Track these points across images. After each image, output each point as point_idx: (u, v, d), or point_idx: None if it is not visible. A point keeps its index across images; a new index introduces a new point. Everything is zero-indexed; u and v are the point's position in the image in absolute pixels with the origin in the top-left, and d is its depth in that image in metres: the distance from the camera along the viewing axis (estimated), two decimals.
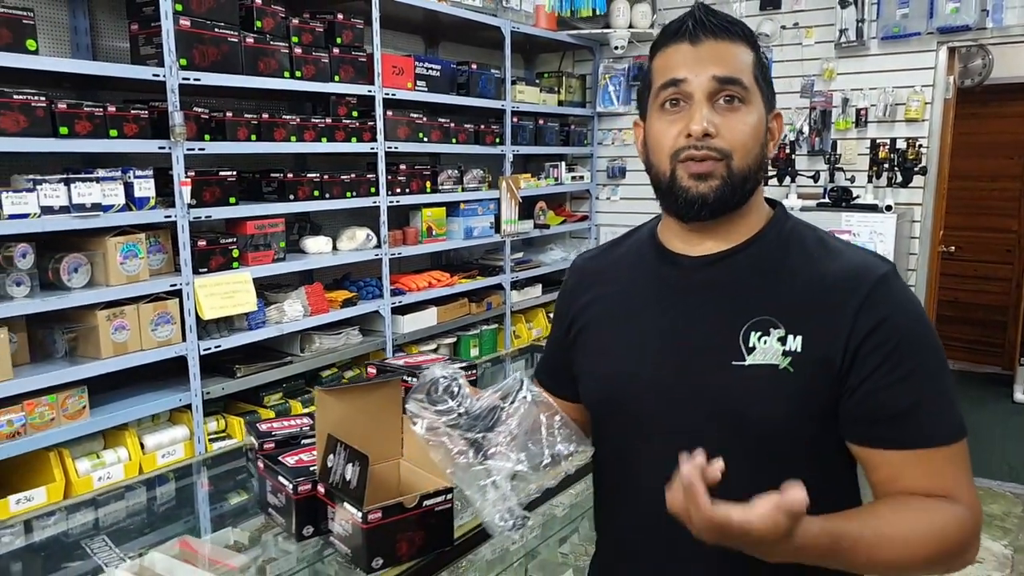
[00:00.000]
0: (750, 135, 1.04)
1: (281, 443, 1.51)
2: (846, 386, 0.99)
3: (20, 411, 2.37)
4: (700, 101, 1.03)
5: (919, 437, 0.98)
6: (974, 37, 4.03)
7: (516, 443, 1.07)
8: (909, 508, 0.97)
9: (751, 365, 1.01)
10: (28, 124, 2.32)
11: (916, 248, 4.32)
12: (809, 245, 1.09)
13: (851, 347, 0.98)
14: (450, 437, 1.07)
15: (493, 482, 1.05)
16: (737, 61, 1.04)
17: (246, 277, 2.92)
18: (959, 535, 0.96)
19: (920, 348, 1.00)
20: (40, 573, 1.69)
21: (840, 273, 1.03)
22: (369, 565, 1.21)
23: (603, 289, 1.20)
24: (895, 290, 1.02)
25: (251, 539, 1.66)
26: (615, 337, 1.16)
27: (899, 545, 0.94)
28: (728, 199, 1.05)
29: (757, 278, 1.06)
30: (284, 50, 3.05)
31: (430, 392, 1.10)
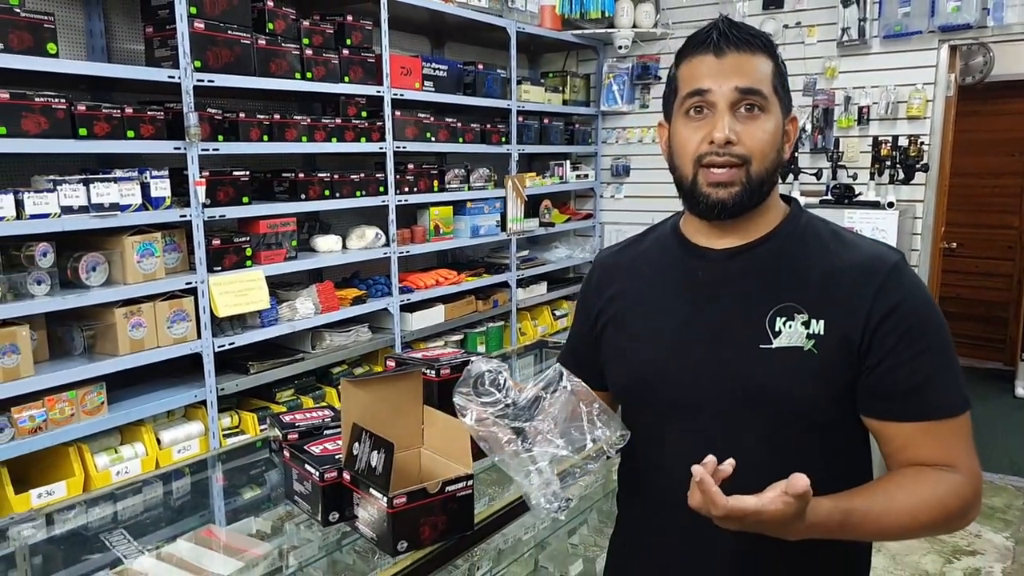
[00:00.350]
0: (768, 142, 1.11)
1: (304, 434, 1.56)
2: (865, 365, 1.08)
3: (41, 407, 2.42)
4: (723, 110, 1.10)
5: (929, 410, 1.07)
6: (975, 35, 4.07)
7: (558, 430, 1.15)
8: (914, 481, 1.06)
9: (778, 348, 1.09)
10: (49, 126, 2.37)
11: (918, 244, 4.37)
12: (825, 237, 1.17)
13: (869, 329, 1.07)
14: (498, 427, 1.15)
15: (538, 468, 1.12)
16: (758, 72, 1.11)
17: (259, 275, 2.97)
18: (959, 502, 1.06)
19: (930, 328, 1.09)
20: (61, 565, 1.74)
21: (856, 262, 1.11)
22: (395, 548, 1.26)
23: (628, 282, 1.27)
24: (906, 276, 1.10)
25: (273, 528, 1.72)
26: (644, 326, 1.23)
27: (905, 515, 1.03)
28: (747, 203, 1.13)
29: (778, 268, 1.14)
30: (295, 51, 3.10)
31: (476, 385, 1.18)
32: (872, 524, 1.03)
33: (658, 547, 1.25)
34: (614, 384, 1.29)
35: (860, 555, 1.25)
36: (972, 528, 3.86)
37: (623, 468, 1.34)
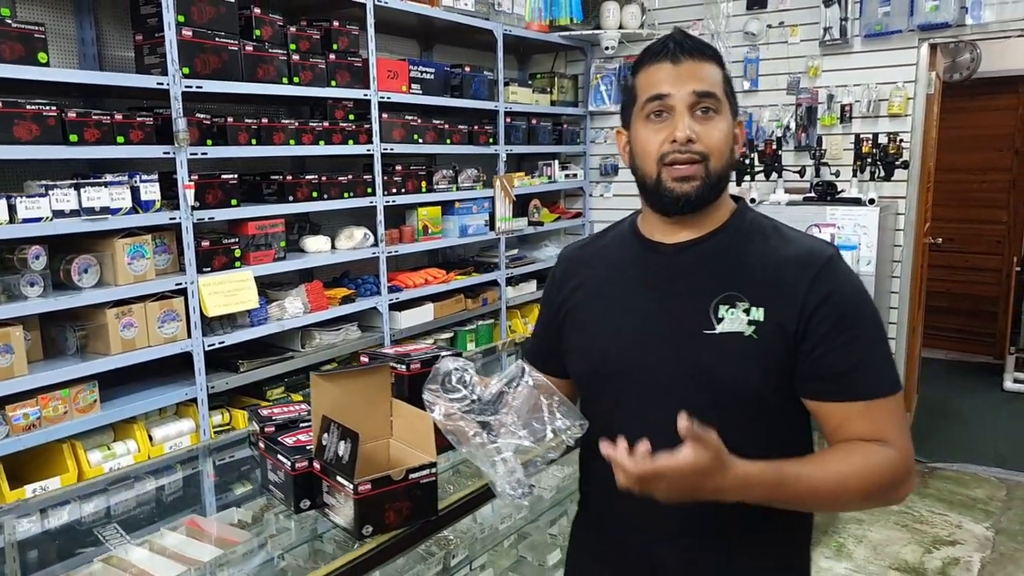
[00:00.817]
0: (723, 140, 1.22)
1: (281, 426, 1.63)
2: (801, 349, 1.16)
3: (35, 405, 2.50)
4: (682, 112, 1.20)
5: (862, 390, 1.15)
6: (954, 34, 4.14)
7: (521, 422, 1.24)
8: (847, 451, 1.15)
9: (721, 333, 1.18)
10: (40, 133, 2.44)
11: (900, 240, 4.43)
12: (767, 233, 1.27)
13: (804, 316, 1.15)
14: (465, 421, 1.24)
15: (503, 458, 1.20)
16: (711, 78, 1.22)
17: (248, 276, 3.05)
18: (890, 473, 1.13)
19: (861, 316, 1.18)
20: (46, 554, 1.80)
21: (793, 255, 1.21)
22: (360, 532, 1.33)
23: (589, 275, 1.37)
24: (839, 269, 1.20)
25: (254, 518, 1.79)
26: (602, 316, 1.32)
27: (837, 480, 1.11)
28: (707, 196, 1.23)
29: (724, 261, 1.23)
30: (282, 57, 3.18)
31: (444, 383, 1.26)
32: (805, 486, 1.10)
33: (613, 525, 1.33)
34: (574, 371, 1.37)
35: (803, 529, 1.32)
36: (953, 519, 3.93)
37: (583, 453, 1.42)
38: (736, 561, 1.25)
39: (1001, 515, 3.97)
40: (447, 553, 2.03)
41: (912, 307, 4.56)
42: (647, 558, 1.28)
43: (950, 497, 4.18)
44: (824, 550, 3.65)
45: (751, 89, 4.73)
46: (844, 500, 1.15)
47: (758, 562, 1.26)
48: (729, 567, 1.25)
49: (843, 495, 1.13)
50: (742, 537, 1.24)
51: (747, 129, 4.72)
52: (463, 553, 2.09)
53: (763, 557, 1.26)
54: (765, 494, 1.09)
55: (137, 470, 2.15)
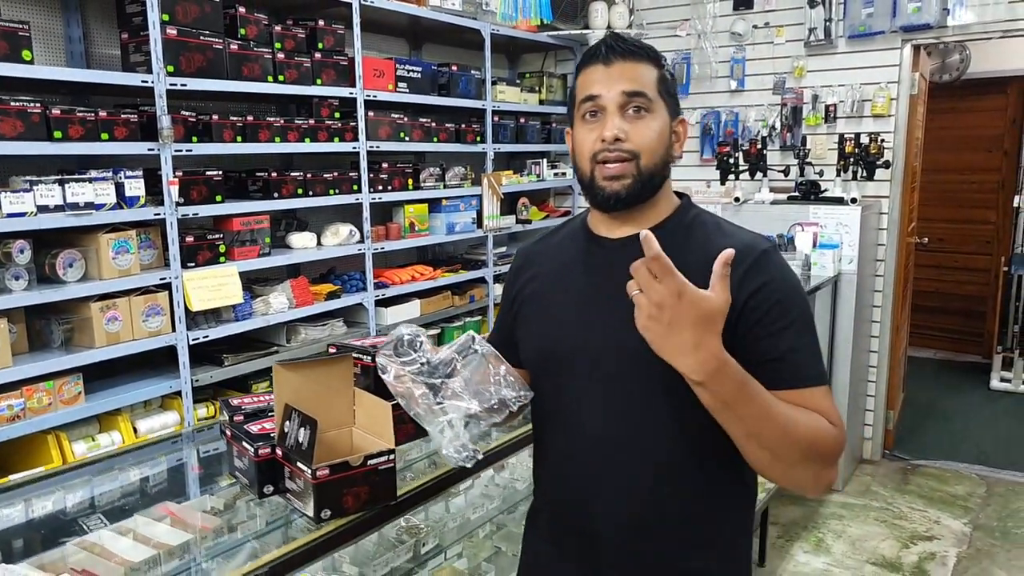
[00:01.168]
0: (655, 139, 1.26)
1: (250, 415, 1.68)
2: (735, 339, 1.19)
3: (20, 396, 2.55)
4: (612, 112, 1.25)
5: (793, 378, 1.19)
6: (936, 35, 4.18)
7: (469, 389, 1.28)
8: (799, 407, 1.18)
9: None
10: (24, 129, 2.49)
11: (884, 239, 4.47)
12: (708, 228, 1.31)
13: (737, 306, 1.17)
14: (414, 383, 1.28)
15: (450, 422, 1.25)
16: (642, 78, 1.25)
17: (232, 271, 3.09)
18: (832, 439, 1.17)
19: (793, 308, 1.22)
20: (19, 537, 1.84)
21: (731, 248, 1.21)
22: (318, 516, 1.37)
23: (541, 268, 1.43)
24: (773, 262, 1.24)
25: (226, 504, 1.83)
26: (549, 306, 1.38)
27: (788, 419, 1.14)
28: (639, 193, 1.27)
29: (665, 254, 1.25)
30: (267, 55, 3.22)
31: (397, 347, 1.30)
32: (763, 404, 1.11)
33: (560, 499, 1.39)
34: (525, 356, 1.43)
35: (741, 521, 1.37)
36: (932, 514, 3.97)
37: (534, 432, 1.47)
38: (677, 534, 1.29)
39: (980, 511, 4.02)
40: (417, 541, 2.07)
41: (896, 306, 4.61)
42: (592, 533, 1.33)
43: (930, 494, 4.22)
44: (803, 544, 3.70)
45: (737, 89, 4.77)
46: (789, 442, 1.14)
47: (699, 540, 1.30)
48: (670, 544, 1.29)
49: (791, 437, 1.13)
50: (684, 515, 1.28)
51: (733, 129, 4.77)
52: (433, 542, 2.14)
53: (702, 543, 1.30)
54: (729, 389, 1.09)
55: (115, 461, 2.19)
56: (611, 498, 1.30)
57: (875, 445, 4.69)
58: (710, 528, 1.31)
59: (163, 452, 2.24)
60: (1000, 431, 5.12)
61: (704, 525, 1.30)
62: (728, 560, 1.35)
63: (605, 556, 1.33)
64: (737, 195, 4.37)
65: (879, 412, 4.67)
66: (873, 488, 4.30)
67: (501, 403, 1.27)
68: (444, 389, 1.28)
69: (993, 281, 6.59)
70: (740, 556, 1.37)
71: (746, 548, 1.40)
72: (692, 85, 4.94)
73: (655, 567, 1.31)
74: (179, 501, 1.93)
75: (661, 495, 1.27)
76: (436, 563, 2.35)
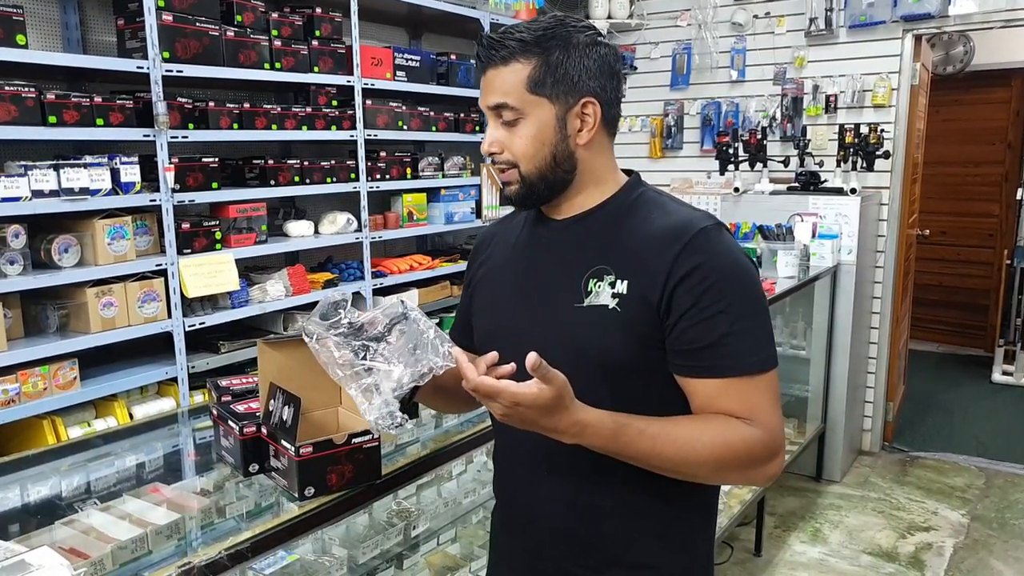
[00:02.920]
0: (529, 144, 1.21)
1: (237, 396, 1.68)
2: (667, 323, 1.16)
3: (15, 381, 2.55)
4: (490, 124, 1.25)
5: (725, 367, 1.14)
6: (937, 25, 4.16)
7: (397, 354, 1.21)
8: (703, 420, 1.15)
9: (588, 306, 1.20)
10: (19, 113, 2.49)
11: (884, 230, 4.46)
12: (652, 207, 1.26)
13: (668, 289, 1.15)
14: (336, 344, 1.22)
15: (376, 386, 1.19)
16: (506, 85, 1.20)
17: (228, 258, 3.10)
18: (746, 447, 1.13)
19: (730, 290, 1.15)
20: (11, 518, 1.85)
21: (666, 227, 1.20)
22: (302, 493, 1.38)
23: (494, 252, 1.41)
24: (712, 241, 1.17)
25: (215, 486, 1.84)
26: (495, 288, 1.37)
27: (685, 444, 1.11)
28: (530, 195, 1.26)
29: (601, 234, 1.25)
30: (264, 43, 3.22)
31: (326, 314, 1.26)
32: (647, 443, 1.10)
33: (508, 478, 1.40)
34: (475, 338, 1.41)
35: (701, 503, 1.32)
36: (930, 506, 3.97)
37: (490, 418, 1.45)
38: (620, 523, 1.26)
39: (978, 502, 4.01)
40: (407, 524, 2.08)
41: (896, 298, 4.59)
42: (534, 518, 1.32)
43: (929, 485, 4.22)
44: (800, 535, 3.69)
45: (738, 79, 4.76)
46: (691, 465, 1.13)
47: (643, 530, 1.26)
48: (612, 532, 1.26)
49: (691, 460, 1.11)
50: (625, 499, 1.25)
51: (733, 119, 4.75)
52: (425, 525, 2.14)
53: (647, 533, 1.26)
54: (601, 443, 1.10)
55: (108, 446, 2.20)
56: (551, 481, 1.28)
57: (874, 437, 4.68)
58: (656, 518, 1.26)
59: (155, 435, 2.24)
60: (1000, 424, 5.10)
61: (649, 514, 1.25)
62: (672, 553, 1.28)
63: (546, 542, 1.31)
64: (737, 185, 4.36)
65: (879, 404, 4.65)
66: (871, 479, 4.29)
67: (430, 370, 1.20)
68: (371, 354, 1.22)
69: (996, 274, 6.56)
70: (694, 549, 1.31)
71: (702, 540, 1.33)
72: (693, 75, 4.93)
73: (596, 556, 1.27)
74: (169, 483, 1.94)
75: (601, 480, 1.23)
76: (429, 547, 2.35)
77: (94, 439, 2.15)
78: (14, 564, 1.07)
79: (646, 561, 1.27)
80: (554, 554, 1.30)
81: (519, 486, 1.35)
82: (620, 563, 1.27)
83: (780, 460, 1.17)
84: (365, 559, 1.99)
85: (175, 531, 1.61)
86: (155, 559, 1.47)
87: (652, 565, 1.27)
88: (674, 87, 5.00)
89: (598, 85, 1.22)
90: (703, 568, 1.34)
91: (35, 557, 1.09)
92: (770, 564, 3.45)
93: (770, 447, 1.15)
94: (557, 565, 1.31)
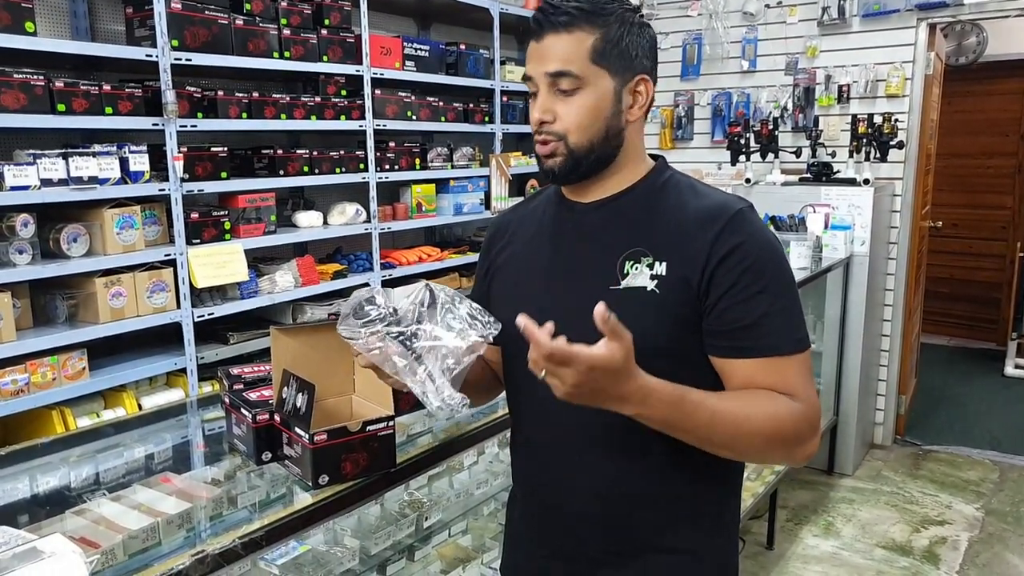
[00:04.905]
0: (585, 115, 1.19)
1: (249, 383, 1.66)
2: (705, 305, 1.15)
3: (23, 371, 2.54)
4: (542, 92, 1.20)
5: (765, 347, 1.14)
6: (952, 13, 4.11)
7: (440, 335, 1.20)
8: (752, 394, 1.14)
9: (625, 288, 1.18)
10: (27, 102, 2.48)
11: (897, 221, 4.42)
12: (682, 190, 1.25)
13: (708, 270, 1.14)
14: (387, 346, 1.21)
15: (429, 374, 1.18)
16: (569, 52, 1.17)
17: (237, 248, 3.08)
18: (792, 422, 1.13)
19: (767, 271, 1.15)
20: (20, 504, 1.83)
21: (702, 210, 1.19)
22: (316, 481, 1.36)
23: (514, 236, 1.38)
24: (748, 222, 1.17)
25: (226, 475, 1.82)
26: (519, 275, 1.34)
27: (740, 416, 1.10)
28: (574, 169, 1.22)
29: (633, 217, 1.23)
30: (273, 31, 3.20)
31: (355, 313, 1.24)
32: (707, 412, 1.08)
33: (532, 466, 1.36)
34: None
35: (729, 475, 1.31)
36: (943, 499, 3.93)
37: (508, 405, 1.43)
38: (650, 510, 1.24)
39: (992, 496, 3.97)
40: (419, 515, 2.05)
41: (909, 290, 4.55)
42: (562, 509, 1.30)
43: (942, 479, 4.18)
44: (812, 528, 3.66)
45: (749, 70, 4.72)
46: (745, 438, 1.12)
47: (673, 517, 1.25)
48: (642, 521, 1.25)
49: (745, 432, 1.11)
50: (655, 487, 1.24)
51: (744, 110, 4.71)
52: (437, 516, 2.12)
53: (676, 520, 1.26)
54: (664, 412, 1.07)
55: (118, 435, 2.18)
56: (580, 472, 1.26)
57: (887, 430, 4.64)
58: (686, 504, 1.25)
59: (165, 425, 2.23)
60: (1014, 417, 5.06)
61: (679, 501, 1.25)
62: (709, 537, 1.29)
63: (575, 532, 1.29)
64: (748, 176, 4.32)
65: (891, 397, 4.62)
66: (884, 473, 4.25)
67: (474, 339, 1.20)
68: (416, 339, 1.20)
69: (1008, 267, 6.50)
70: (722, 533, 1.31)
71: (730, 525, 1.33)
72: (703, 66, 4.88)
73: (627, 544, 1.26)
74: (179, 472, 1.92)
75: (631, 469, 1.22)
76: (440, 539, 2.33)
77: (104, 428, 2.13)
78: (26, 551, 1.05)
79: (683, 546, 1.26)
80: (580, 542, 1.28)
81: (544, 473, 1.32)
82: (655, 548, 1.25)
83: (818, 438, 1.17)
84: (377, 550, 1.97)
85: (186, 520, 1.60)
86: (167, 548, 1.45)
87: (691, 550, 1.26)
88: (684, 77, 4.96)
89: (650, 64, 1.23)
90: (735, 549, 1.35)
91: (46, 544, 1.07)
92: (782, 558, 3.42)
93: (812, 423, 1.15)
94: (582, 553, 1.29)
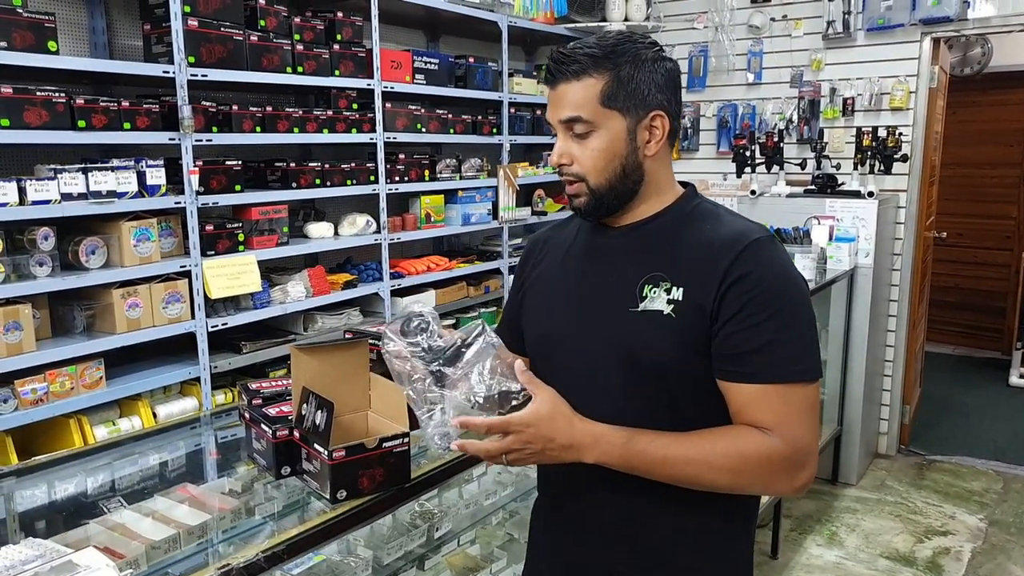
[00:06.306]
0: (600, 157, 1.25)
1: (268, 399, 1.71)
2: (714, 329, 1.19)
3: (43, 380, 2.60)
4: (559, 137, 1.28)
5: (764, 374, 1.16)
6: (956, 28, 4.15)
7: (469, 380, 1.23)
8: (720, 432, 1.18)
9: (642, 311, 1.23)
10: (49, 118, 2.53)
11: (902, 233, 4.45)
12: (708, 218, 1.30)
13: (719, 295, 1.18)
14: (412, 364, 1.25)
15: (441, 408, 1.23)
16: (579, 99, 1.23)
17: (251, 260, 3.13)
18: (758, 459, 1.15)
19: (777, 300, 1.18)
20: (41, 514, 1.88)
21: (721, 237, 1.24)
22: (334, 496, 1.40)
23: (549, 256, 1.45)
24: (764, 251, 1.21)
25: (244, 487, 1.87)
26: (550, 293, 1.40)
27: (698, 456, 1.15)
28: (598, 207, 1.29)
29: (657, 243, 1.28)
30: (287, 47, 3.25)
31: (405, 327, 1.28)
32: (657, 454, 1.14)
33: (556, 486, 1.42)
34: (527, 342, 1.44)
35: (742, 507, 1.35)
36: (947, 510, 3.96)
37: None
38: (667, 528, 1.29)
39: (996, 507, 4.00)
40: (431, 526, 2.10)
41: (913, 301, 4.58)
42: (583, 523, 1.35)
43: (946, 489, 4.21)
44: (816, 538, 3.70)
45: (755, 82, 4.76)
46: (705, 475, 1.15)
47: (689, 536, 1.29)
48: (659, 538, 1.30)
49: (703, 470, 1.15)
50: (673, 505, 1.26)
51: (750, 122, 4.76)
52: (447, 526, 2.17)
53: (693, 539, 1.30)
54: (618, 454, 1.14)
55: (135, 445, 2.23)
56: (600, 488, 1.30)
57: (891, 440, 4.68)
58: (702, 523, 1.29)
59: (182, 436, 2.28)
60: (1018, 427, 5.09)
61: (695, 520, 1.28)
62: (722, 560, 1.32)
63: (594, 546, 1.34)
64: (753, 188, 4.37)
65: (895, 407, 4.65)
66: (888, 483, 4.29)
67: (503, 396, 1.22)
68: (443, 376, 1.24)
69: (1013, 277, 6.53)
70: (737, 556, 1.35)
71: (743, 550, 1.36)
72: (709, 78, 4.93)
73: (644, 560, 1.30)
74: (198, 483, 1.97)
75: (653, 486, 1.24)
76: (450, 548, 2.38)
77: (124, 439, 2.17)
78: (62, 564, 1.10)
79: (691, 564, 1.30)
80: (602, 555, 1.33)
81: (568, 488, 1.37)
82: (668, 565, 1.30)
83: (808, 473, 1.18)
84: (390, 560, 2.02)
85: (206, 531, 1.65)
86: (188, 559, 1.50)
87: (695, 568, 1.30)
88: (691, 89, 5.01)
89: (665, 98, 1.26)
90: (751, 568, 1.38)
91: (82, 558, 1.12)
92: (786, 567, 3.46)
93: (791, 460, 1.16)
94: (604, 566, 1.34)
